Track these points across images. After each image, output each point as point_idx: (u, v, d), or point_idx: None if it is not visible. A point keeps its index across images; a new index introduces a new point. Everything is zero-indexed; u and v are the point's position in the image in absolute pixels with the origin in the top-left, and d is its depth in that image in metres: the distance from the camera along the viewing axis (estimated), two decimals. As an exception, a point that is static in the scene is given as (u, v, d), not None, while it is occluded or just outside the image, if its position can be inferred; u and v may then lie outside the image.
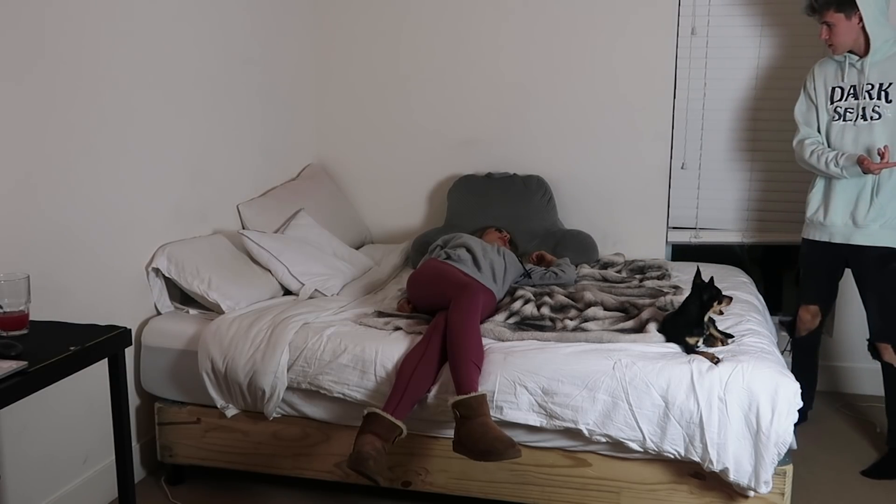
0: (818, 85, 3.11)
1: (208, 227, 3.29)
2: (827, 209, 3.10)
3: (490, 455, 2.33)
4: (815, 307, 3.26)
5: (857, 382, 3.72)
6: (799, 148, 3.13)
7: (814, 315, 3.26)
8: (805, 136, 3.13)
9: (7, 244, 2.33)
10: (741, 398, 2.38)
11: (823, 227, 3.13)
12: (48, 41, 2.43)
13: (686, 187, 3.86)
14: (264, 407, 2.74)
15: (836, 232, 3.10)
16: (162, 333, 2.90)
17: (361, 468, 2.35)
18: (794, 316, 3.37)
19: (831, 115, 3.08)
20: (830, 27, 2.95)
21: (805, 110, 3.16)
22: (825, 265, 3.21)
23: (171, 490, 2.93)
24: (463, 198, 3.87)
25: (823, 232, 3.14)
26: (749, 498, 2.46)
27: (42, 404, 2.45)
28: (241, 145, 3.51)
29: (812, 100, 3.13)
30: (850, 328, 3.66)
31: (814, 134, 3.13)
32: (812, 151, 3.06)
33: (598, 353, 2.56)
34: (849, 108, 3.02)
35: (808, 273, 3.29)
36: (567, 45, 3.83)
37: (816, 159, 3.04)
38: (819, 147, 3.07)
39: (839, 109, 3.05)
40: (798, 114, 3.18)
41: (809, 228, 3.20)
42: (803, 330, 3.31)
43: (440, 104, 4.02)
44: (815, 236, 3.17)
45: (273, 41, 3.75)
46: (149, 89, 2.89)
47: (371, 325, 2.82)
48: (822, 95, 3.09)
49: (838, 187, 3.06)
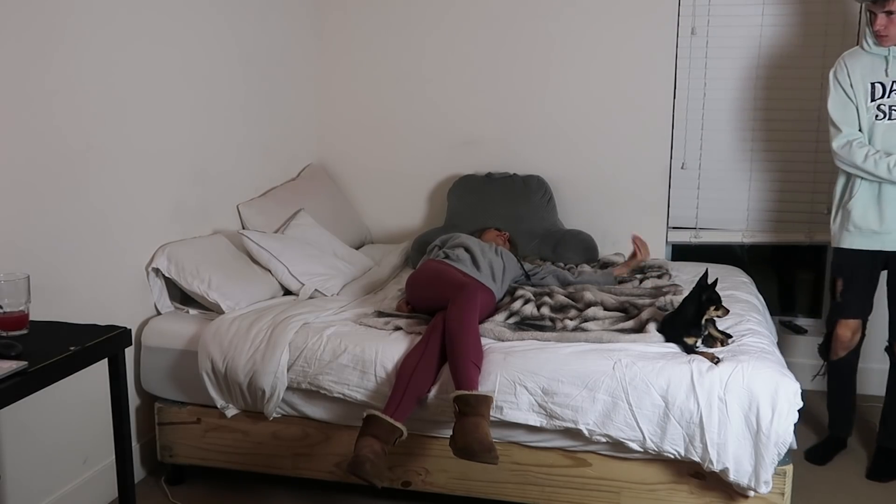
0: (855, 80, 2.85)
1: (208, 227, 3.29)
2: (883, 215, 2.86)
3: (465, 453, 2.34)
4: (856, 322, 3.00)
5: (863, 382, 3.70)
6: (846, 152, 2.86)
7: (854, 331, 3.01)
8: (850, 137, 2.86)
9: (7, 244, 2.33)
10: (741, 398, 2.38)
11: (877, 235, 2.89)
12: (48, 41, 2.43)
13: (686, 187, 3.86)
14: (264, 407, 2.74)
15: (891, 239, 2.89)
16: (162, 333, 2.90)
17: (358, 472, 2.37)
18: (825, 336, 3.12)
19: (874, 114, 2.84)
20: (892, 16, 2.71)
21: (842, 108, 2.88)
22: (870, 275, 2.99)
23: (171, 490, 2.93)
24: (463, 198, 3.87)
25: (875, 240, 2.90)
26: (749, 498, 2.46)
27: (42, 404, 2.45)
28: (241, 145, 3.51)
29: (849, 96, 2.87)
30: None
31: (858, 134, 2.87)
32: (866, 155, 2.81)
33: (598, 353, 2.56)
34: (894, 105, 2.80)
35: (851, 284, 2.99)
36: (567, 45, 3.83)
37: (874, 164, 2.80)
38: (872, 150, 2.82)
39: (883, 107, 2.82)
40: (834, 112, 2.89)
41: (855, 237, 2.93)
42: (842, 350, 3.03)
43: (440, 104, 4.02)
44: (863, 245, 2.93)
45: (273, 41, 3.75)
46: (149, 89, 2.89)
47: (371, 325, 2.82)
48: (861, 91, 2.85)
49: (892, 191, 2.83)
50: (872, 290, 3.03)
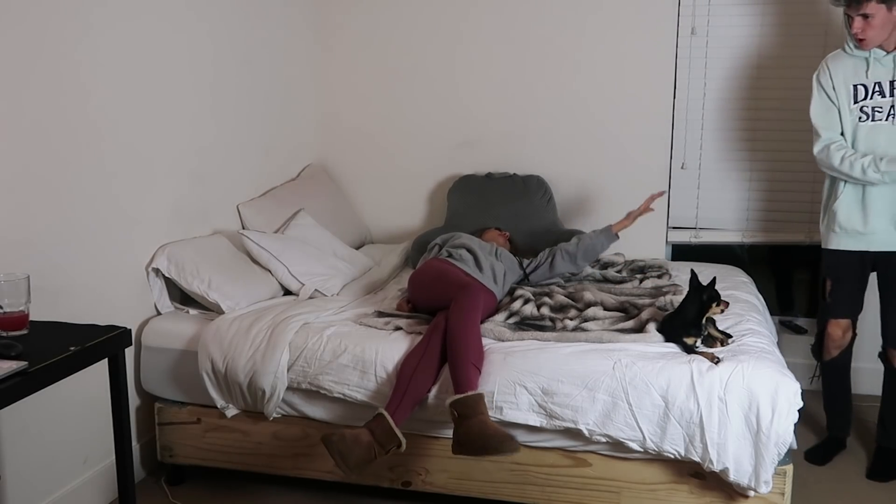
0: (837, 82, 2.86)
1: (208, 227, 3.29)
2: (867, 216, 2.87)
3: (487, 450, 2.33)
4: (846, 321, 3.02)
5: (857, 382, 3.70)
6: (824, 155, 2.88)
7: (845, 330, 3.03)
8: (829, 140, 2.88)
9: (7, 244, 2.33)
10: (741, 398, 2.38)
11: (862, 236, 2.90)
12: (49, 42, 2.43)
13: (686, 187, 3.86)
14: (264, 407, 2.74)
15: (876, 239, 2.89)
16: (162, 333, 2.90)
17: (328, 443, 2.40)
18: (817, 337, 3.13)
19: (857, 116, 2.85)
20: (868, 19, 2.72)
21: (824, 112, 2.90)
22: (859, 275, 3.00)
23: (171, 490, 2.93)
24: (463, 198, 3.87)
25: (860, 241, 2.91)
26: (749, 498, 2.46)
27: (42, 404, 2.45)
28: (241, 145, 3.51)
29: (832, 99, 2.88)
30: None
31: (838, 138, 2.88)
32: (843, 158, 2.82)
33: (597, 353, 2.56)
34: (877, 106, 2.81)
35: (840, 285, 3.01)
36: (567, 45, 3.83)
37: (849, 166, 2.81)
38: (849, 152, 2.83)
39: (866, 109, 2.83)
40: (816, 116, 2.91)
41: (841, 238, 2.94)
42: (834, 349, 3.06)
43: (440, 104, 4.02)
44: (849, 246, 2.93)
45: (273, 41, 3.75)
46: (149, 89, 2.89)
47: (371, 325, 2.82)
48: (843, 94, 2.86)
49: (875, 192, 2.84)
50: (861, 290, 3.04)
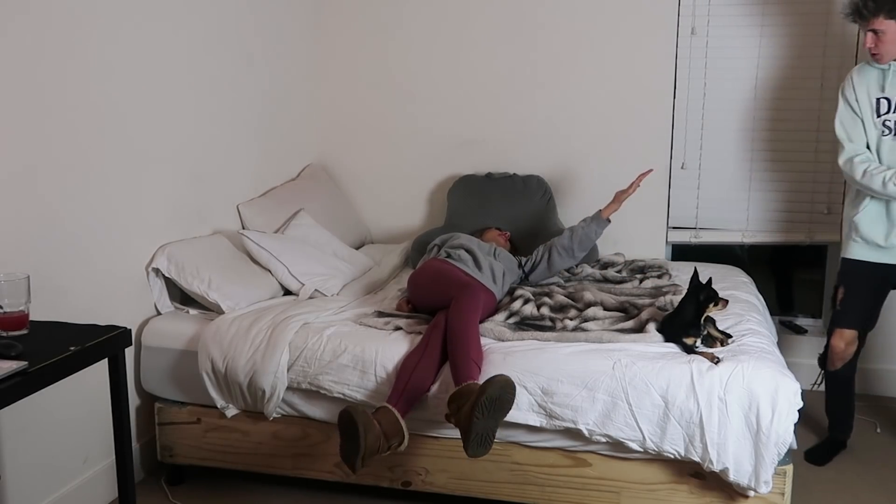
0: (860, 95, 2.86)
1: (208, 227, 3.29)
2: (889, 230, 2.87)
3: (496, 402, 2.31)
4: (851, 333, 2.98)
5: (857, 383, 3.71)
6: (848, 167, 2.88)
7: (848, 342, 2.99)
8: (853, 153, 2.88)
9: (7, 244, 2.33)
10: (741, 398, 2.38)
11: (883, 250, 2.89)
12: (49, 42, 2.43)
13: (686, 187, 3.86)
14: (264, 407, 2.74)
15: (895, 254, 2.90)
16: (162, 333, 2.90)
17: (353, 411, 2.34)
18: (825, 347, 3.09)
19: (880, 130, 2.85)
20: (878, 35, 2.74)
21: (848, 124, 2.90)
22: (876, 287, 2.98)
23: (171, 490, 2.93)
24: (463, 198, 3.87)
25: (883, 254, 2.90)
26: (749, 498, 2.46)
27: (42, 404, 2.45)
28: (241, 145, 3.51)
29: (856, 112, 2.88)
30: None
31: (862, 150, 2.88)
32: (864, 171, 2.82)
33: (597, 353, 2.56)
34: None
35: (852, 294, 2.98)
36: (567, 45, 3.83)
37: (870, 179, 2.81)
38: (871, 165, 2.83)
39: (888, 123, 2.83)
40: (841, 128, 2.91)
41: (862, 249, 2.93)
42: (838, 361, 3.02)
43: (440, 104, 4.02)
44: (868, 257, 2.93)
45: (273, 41, 3.75)
46: (149, 89, 2.89)
47: (371, 325, 2.82)
48: (866, 107, 2.86)
49: None
50: (875, 303, 3.02)
